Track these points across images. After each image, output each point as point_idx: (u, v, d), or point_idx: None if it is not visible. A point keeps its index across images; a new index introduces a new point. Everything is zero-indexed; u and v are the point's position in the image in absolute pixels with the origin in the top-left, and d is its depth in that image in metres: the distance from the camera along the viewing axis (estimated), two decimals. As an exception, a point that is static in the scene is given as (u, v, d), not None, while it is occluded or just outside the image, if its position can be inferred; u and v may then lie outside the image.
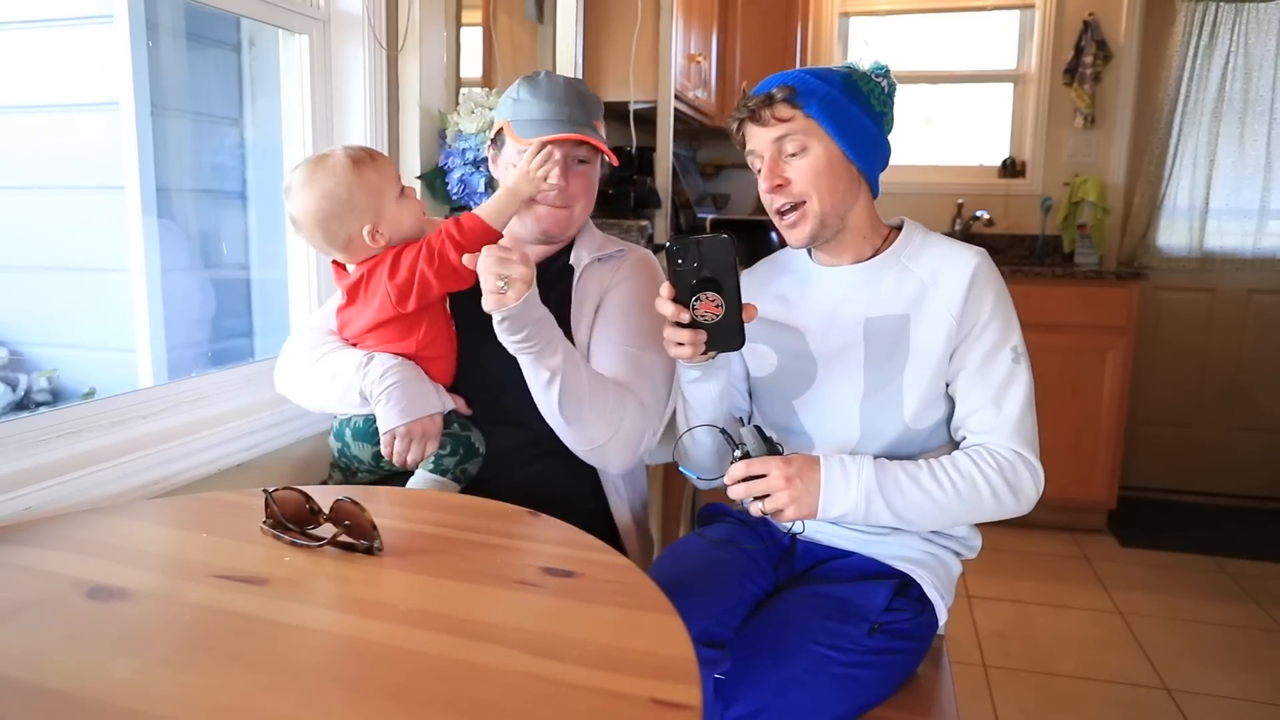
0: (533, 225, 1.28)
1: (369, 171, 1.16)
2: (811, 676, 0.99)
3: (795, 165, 1.14)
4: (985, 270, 1.14)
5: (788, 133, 1.13)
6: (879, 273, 1.18)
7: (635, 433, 1.19)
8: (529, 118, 1.26)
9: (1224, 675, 2.12)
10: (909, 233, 1.22)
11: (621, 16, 2.38)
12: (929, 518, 1.09)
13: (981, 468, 1.08)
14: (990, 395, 1.10)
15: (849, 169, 1.15)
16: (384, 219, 1.18)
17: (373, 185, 1.16)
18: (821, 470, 1.05)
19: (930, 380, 1.13)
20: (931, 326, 1.13)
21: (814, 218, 1.15)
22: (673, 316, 1.02)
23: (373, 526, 0.85)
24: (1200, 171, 3.31)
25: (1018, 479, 1.08)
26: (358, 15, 1.63)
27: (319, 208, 1.15)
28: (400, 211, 1.19)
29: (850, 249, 1.21)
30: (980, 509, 1.09)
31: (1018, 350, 1.12)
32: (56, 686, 0.61)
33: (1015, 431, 1.09)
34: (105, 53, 1.39)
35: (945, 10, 3.63)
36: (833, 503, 1.05)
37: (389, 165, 1.21)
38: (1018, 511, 1.10)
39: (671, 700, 0.60)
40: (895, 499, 1.06)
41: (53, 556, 0.84)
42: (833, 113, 1.12)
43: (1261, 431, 3.42)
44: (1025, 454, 1.09)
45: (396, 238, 1.19)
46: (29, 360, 1.46)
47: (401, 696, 0.60)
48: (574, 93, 1.28)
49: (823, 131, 1.13)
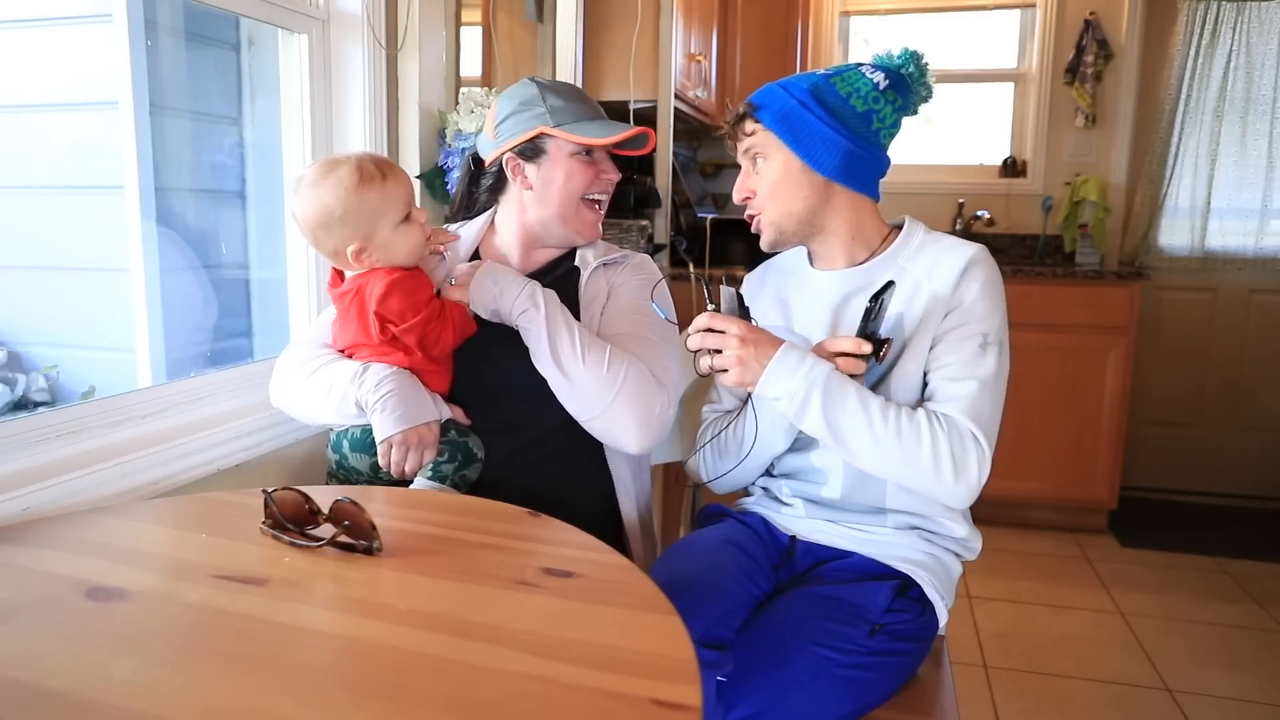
0: (581, 232, 1.30)
1: (371, 192, 1.14)
2: (813, 678, 0.98)
3: (758, 176, 1.20)
4: (978, 263, 1.15)
5: (750, 146, 1.20)
6: (874, 275, 1.19)
7: (641, 398, 1.17)
8: (578, 119, 1.25)
9: (1225, 676, 2.12)
10: (909, 233, 1.23)
11: (621, 16, 2.37)
12: (860, 444, 1.06)
13: (933, 428, 1.06)
14: (952, 371, 1.10)
15: (810, 176, 1.17)
16: (374, 243, 1.16)
17: (370, 207, 1.14)
18: (777, 351, 1.07)
19: (915, 371, 1.14)
20: (919, 317, 1.14)
21: (769, 226, 1.21)
22: (854, 349, 1.08)
23: (372, 527, 0.84)
24: (1202, 171, 3.31)
25: (965, 455, 1.05)
26: (357, 14, 1.62)
27: (312, 215, 1.15)
28: (395, 238, 1.16)
29: (839, 253, 1.22)
30: (915, 466, 1.06)
31: (988, 338, 1.11)
32: (55, 687, 0.61)
33: (968, 409, 1.07)
34: (104, 52, 1.39)
35: (946, 9, 3.62)
36: (773, 381, 1.06)
37: (399, 188, 1.17)
38: (954, 494, 1.06)
39: (672, 701, 0.60)
40: (834, 407, 1.06)
41: (52, 556, 0.84)
42: (785, 123, 1.16)
43: (1263, 431, 3.41)
44: (978, 435, 1.06)
45: (385, 263, 1.17)
46: (27, 360, 1.46)
47: (401, 697, 0.60)
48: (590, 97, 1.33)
49: (779, 142, 1.17)
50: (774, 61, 3.35)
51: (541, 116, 1.25)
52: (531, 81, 1.29)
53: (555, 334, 1.18)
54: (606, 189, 1.31)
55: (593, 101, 1.31)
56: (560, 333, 1.18)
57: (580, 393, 1.18)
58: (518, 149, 1.27)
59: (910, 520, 1.18)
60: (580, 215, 1.29)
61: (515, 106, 1.27)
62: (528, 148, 1.26)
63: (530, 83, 1.28)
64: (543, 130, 1.24)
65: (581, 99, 1.29)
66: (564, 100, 1.26)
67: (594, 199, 1.30)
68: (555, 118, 1.24)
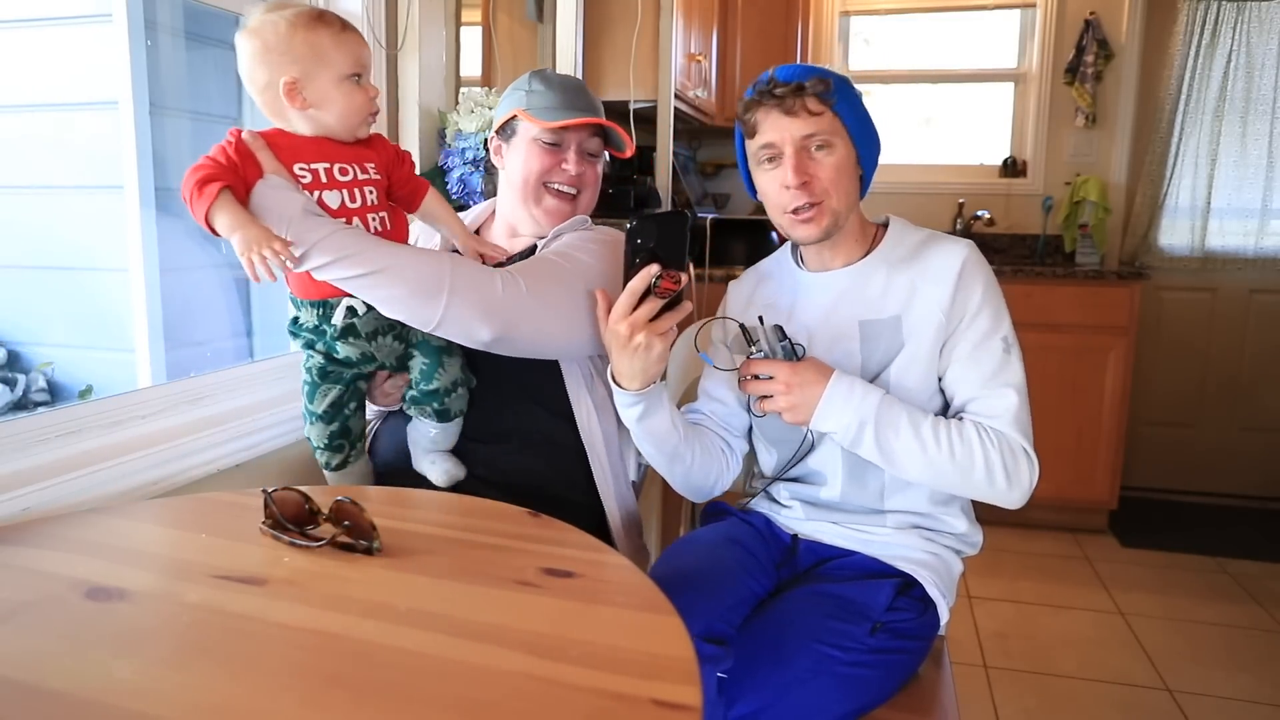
0: (542, 219, 1.30)
1: (325, 30, 1.04)
2: (814, 675, 0.98)
3: (822, 162, 1.12)
4: (973, 262, 1.14)
5: (817, 129, 1.11)
6: (868, 275, 1.19)
7: (474, 282, 1.09)
8: (546, 105, 1.27)
9: (1225, 676, 2.12)
10: (896, 232, 1.22)
11: (621, 16, 2.37)
12: (915, 467, 1.09)
13: (984, 442, 1.07)
14: (984, 382, 1.10)
15: (857, 171, 1.17)
16: (311, 86, 1.04)
17: (321, 45, 1.04)
18: (827, 386, 1.08)
19: (920, 377, 1.13)
20: (921, 322, 1.13)
21: (830, 214, 1.14)
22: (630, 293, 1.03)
23: (372, 527, 0.84)
24: (1202, 171, 3.31)
25: (1017, 467, 1.08)
26: (357, 14, 1.62)
27: (255, 42, 1.04)
28: (335, 92, 1.05)
29: (843, 251, 1.21)
30: (970, 479, 1.08)
31: (1008, 340, 1.12)
32: (55, 687, 0.61)
33: (1014, 422, 1.09)
34: (104, 52, 1.39)
35: (946, 9, 3.62)
36: (826, 418, 1.09)
37: (357, 45, 1.08)
38: (1008, 499, 1.10)
39: (672, 701, 0.59)
40: (888, 437, 1.08)
41: (52, 556, 0.84)
42: (857, 114, 1.13)
43: (1263, 431, 3.41)
44: (1028, 448, 1.09)
45: (316, 117, 1.06)
46: (27, 360, 1.46)
47: (401, 697, 0.60)
48: (584, 87, 1.34)
49: (846, 132, 1.13)
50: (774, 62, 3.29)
51: (519, 100, 1.30)
52: (534, 71, 1.33)
53: (355, 252, 1.04)
54: (569, 180, 1.29)
55: (580, 94, 1.30)
56: (363, 246, 1.05)
57: (411, 288, 1.06)
58: (498, 129, 1.34)
59: (910, 519, 1.18)
60: (541, 202, 1.30)
61: (509, 91, 1.34)
62: (504, 128, 1.32)
63: (531, 72, 1.33)
64: (516, 112, 1.29)
65: (565, 89, 1.29)
66: (545, 88, 1.29)
67: (558, 188, 1.29)
68: (529, 101, 1.28)
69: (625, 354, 1.07)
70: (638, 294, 1.04)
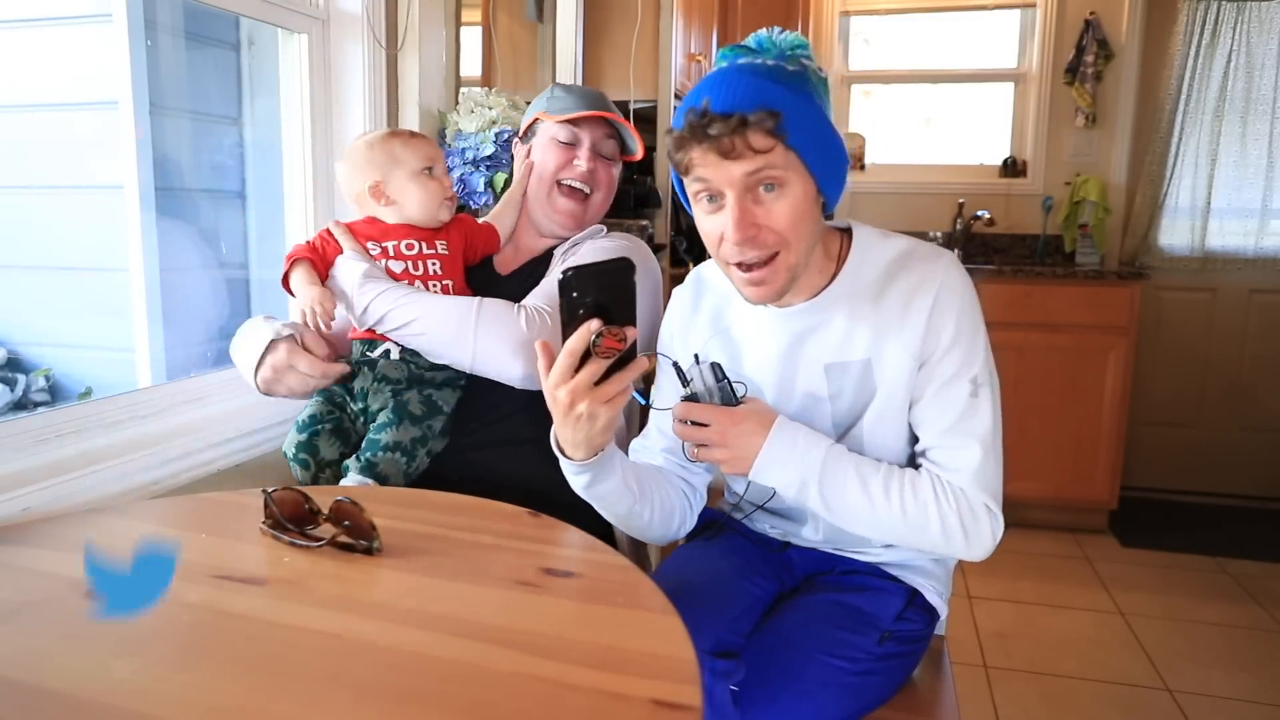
0: (555, 219, 1.36)
1: (396, 140, 1.27)
2: (822, 687, 0.97)
3: (772, 208, 0.92)
4: (948, 291, 0.98)
5: (763, 166, 0.89)
6: (831, 312, 1.03)
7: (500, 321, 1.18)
8: (564, 106, 1.34)
9: (1225, 676, 2.12)
10: (862, 247, 1.03)
11: (621, 16, 2.37)
12: (862, 524, 0.99)
13: (940, 501, 0.97)
14: (946, 431, 0.99)
15: (818, 202, 0.96)
16: (390, 184, 1.25)
17: (393, 152, 1.25)
18: (767, 438, 0.97)
19: (896, 428, 1.03)
20: (893, 369, 1.01)
21: (786, 272, 0.95)
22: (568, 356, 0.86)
23: (372, 527, 0.84)
24: (1202, 171, 3.31)
25: (977, 527, 0.98)
26: (357, 14, 1.62)
27: (347, 160, 1.28)
28: (411, 185, 1.25)
29: (805, 287, 1.02)
30: (924, 537, 0.98)
31: (978, 381, 0.99)
32: (56, 687, 0.61)
33: (974, 478, 0.98)
34: (104, 52, 1.39)
35: (946, 9, 3.62)
36: (765, 472, 0.98)
37: (424, 145, 1.28)
38: (968, 556, 1.01)
39: (672, 701, 0.59)
40: (833, 496, 0.97)
41: (52, 556, 0.84)
42: (816, 141, 0.91)
43: (1263, 431, 3.41)
44: (990, 505, 0.99)
45: (399, 208, 1.26)
46: (27, 361, 1.46)
47: (401, 696, 0.60)
48: (603, 95, 1.42)
49: (803, 166, 0.91)
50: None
51: (541, 105, 1.39)
52: (556, 83, 1.45)
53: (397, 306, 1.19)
54: (581, 176, 1.33)
55: (598, 98, 1.38)
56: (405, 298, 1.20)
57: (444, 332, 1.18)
58: (522, 135, 1.43)
59: None
60: (554, 200, 1.35)
61: (534, 101, 1.44)
62: (528, 133, 1.42)
63: (555, 83, 1.45)
64: (538, 115, 1.38)
65: (583, 93, 1.38)
66: (565, 93, 1.38)
67: (572, 186, 1.34)
68: (549, 105, 1.37)
69: (567, 423, 0.90)
70: (577, 355, 0.85)
